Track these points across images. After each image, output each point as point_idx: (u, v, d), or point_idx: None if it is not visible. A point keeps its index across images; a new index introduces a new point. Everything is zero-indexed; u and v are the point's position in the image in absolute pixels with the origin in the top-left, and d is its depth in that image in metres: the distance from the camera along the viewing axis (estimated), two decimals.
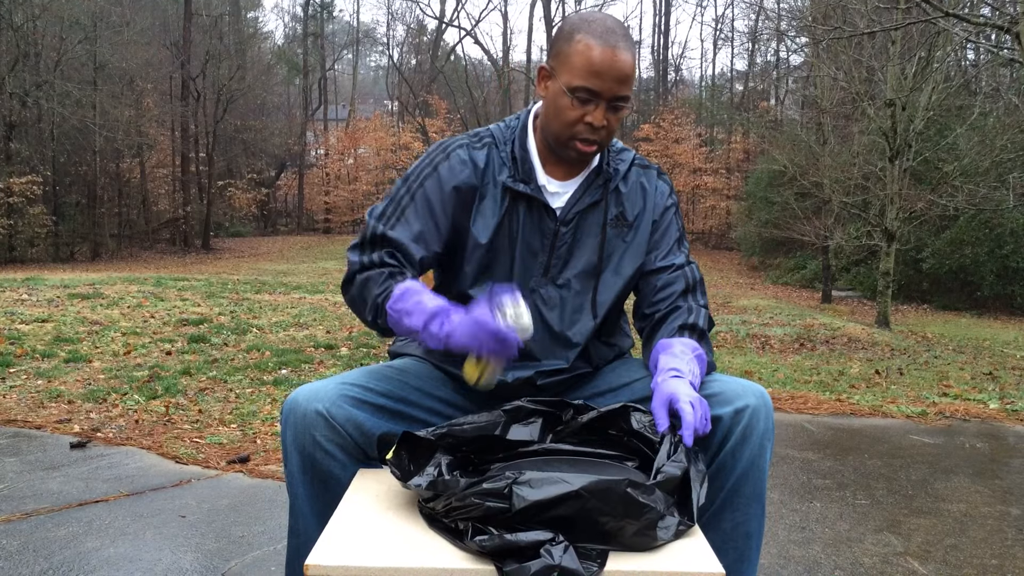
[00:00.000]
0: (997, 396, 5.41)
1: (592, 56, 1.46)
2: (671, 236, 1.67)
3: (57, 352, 6.03)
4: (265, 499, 2.95)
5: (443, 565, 1.12)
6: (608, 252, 1.63)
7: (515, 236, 1.60)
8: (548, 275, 1.62)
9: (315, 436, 1.42)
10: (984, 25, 7.52)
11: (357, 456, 1.46)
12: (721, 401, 1.45)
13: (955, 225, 18.90)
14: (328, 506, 1.41)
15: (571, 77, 1.48)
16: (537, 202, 1.59)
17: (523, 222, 1.60)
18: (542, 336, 1.61)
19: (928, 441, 4.09)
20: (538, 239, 1.60)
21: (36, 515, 2.74)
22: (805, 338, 9.67)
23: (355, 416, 1.44)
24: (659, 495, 1.18)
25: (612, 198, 1.63)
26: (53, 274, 15.10)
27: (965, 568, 2.48)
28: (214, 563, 2.38)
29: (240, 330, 7.63)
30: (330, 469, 1.44)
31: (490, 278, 1.61)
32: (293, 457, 1.44)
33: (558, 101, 1.52)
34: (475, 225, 1.59)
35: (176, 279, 13.41)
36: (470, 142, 1.63)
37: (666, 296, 1.62)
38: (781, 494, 3.16)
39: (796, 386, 5.68)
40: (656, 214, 1.66)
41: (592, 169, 1.63)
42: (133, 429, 3.95)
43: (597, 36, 1.46)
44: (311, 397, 1.44)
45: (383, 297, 1.49)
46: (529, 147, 1.62)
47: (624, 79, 1.48)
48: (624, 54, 1.47)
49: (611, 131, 1.54)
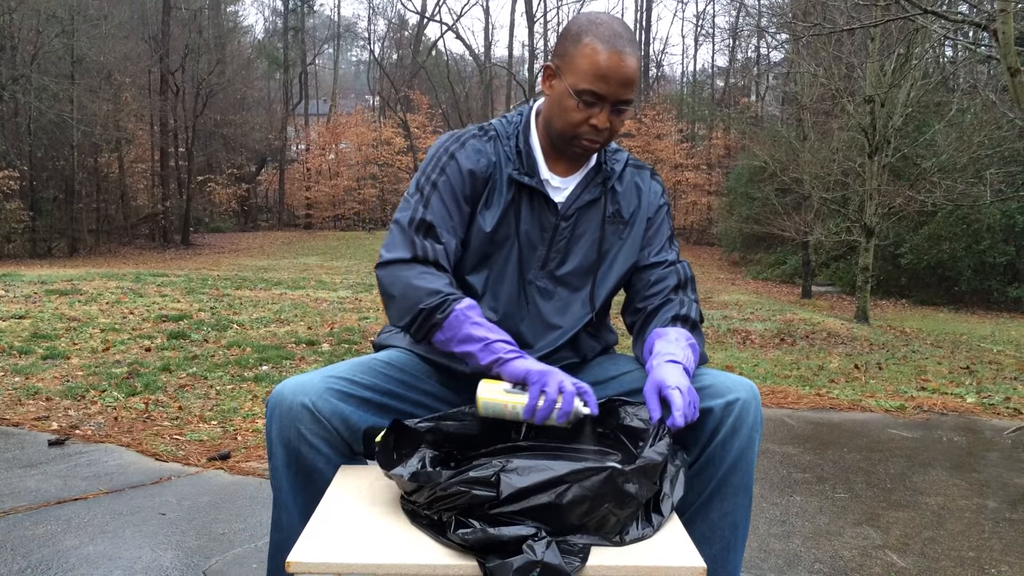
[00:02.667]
0: (974, 390, 5.47)
1: (599, 60, 1.49)
2: (663, 234, 1.72)
3: (35, 349, 5.97)
4: (246, 496, 2.94)
5: (425, 560, 1.12)
6: (605, 248, 1.67)
7: (517, 228, 1.63)
8: (546, 268, 1.65)
9: (300, 429, 1.42)
10: (962, 22, 7.58)
11: (342, 450, 1.47)
12: (712, 394, 1.48)
13: (933, 221, 19.08)
14: (312, 500, 1.41)
15: (577, 79, 1.51)
16: (540, 195, 1.63)
17: (525, 214, 1.63)
18: (535, 326, 1.65)
19: (906, 435, 4.13)
20: (538, 232, 1.64)
21: (14, 513, 2.71)
22: (785, 333, 9.73)
23: (341, 409, 1.45)
24: (642, 484, 1.18)
25: (609, 196, 1.67)
26: (30, 270, 14.93)
27: (943, 560, 2.51)
28: (195, 561, 2.36)
29: (220, 326, 7.58)
30: (315, 463, 1.44)
31: (488, 267, 1.64)
32: (278, 450, 1.44)
33: (563, 102, 1.55)
34: (481, 213, 1.63)
35: (155, 275, 13.30)
36: (478, 133, 1.67)
37: (659, 291, 1.67)
38: (761, 488, 3.19)
39: (777, 381, 5.72)
40: (650, 212, 1.71)
41: (591, 167, 1.67)
42: (112, 426, 3.91)
43: (604, 40, 1.49)
44: (297, 390, 1.43)
45: (455, 298, 1.49)
46: (532, 142, 1.66)
47: (629, 83, 1.51)
48: (630, 59, 1.50)
49: (614, 132, 1.58)
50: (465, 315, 1.47)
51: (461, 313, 1.47)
